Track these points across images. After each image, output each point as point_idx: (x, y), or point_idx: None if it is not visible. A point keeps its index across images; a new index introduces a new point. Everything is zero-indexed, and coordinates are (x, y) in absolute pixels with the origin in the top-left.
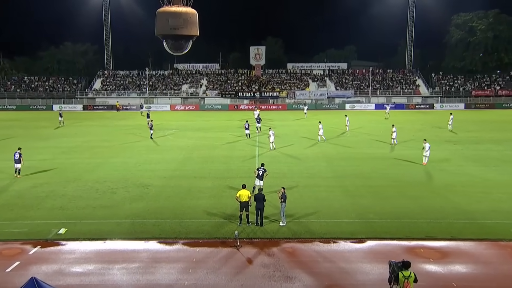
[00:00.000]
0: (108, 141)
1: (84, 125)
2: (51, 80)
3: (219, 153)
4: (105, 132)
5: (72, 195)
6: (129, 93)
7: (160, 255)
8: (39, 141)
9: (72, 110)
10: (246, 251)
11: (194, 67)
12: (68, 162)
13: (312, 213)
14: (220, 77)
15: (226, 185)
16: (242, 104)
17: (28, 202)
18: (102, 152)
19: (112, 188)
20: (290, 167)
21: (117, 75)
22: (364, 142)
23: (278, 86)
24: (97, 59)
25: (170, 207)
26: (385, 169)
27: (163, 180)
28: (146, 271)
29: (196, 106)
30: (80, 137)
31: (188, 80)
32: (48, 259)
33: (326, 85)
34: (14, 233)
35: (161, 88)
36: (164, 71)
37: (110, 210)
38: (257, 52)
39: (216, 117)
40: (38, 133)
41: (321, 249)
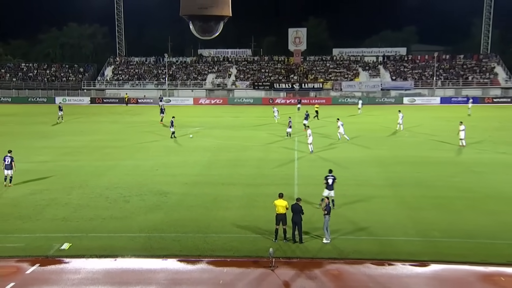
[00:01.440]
0: (120, 141)
1: (92, 121)
2: (53, 68)
3: (251, 156)
4: (116, 129)
5: (78, 203)
6: (145, 83)
7: (181, 275)
8: (38, 140)
9: (78, 103)
10: (282, 273)
11: (222, 53)
12: (73, 164)
13: (361, 228)
14: (252, 65)
15: (259, 193)
16: (278, 98)
17: (26, 211)
18: (113, 153)
19: (124, 195)
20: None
21: (130, 62)
22: (426, 143)
23: (322, 76)
24: (107, 43)
25: (193, 219)
26: (452, 177)
27: (185, 187)
28: None
29: (223, 100)
30: (87, 135)
31: (214, 68)
32: (48, 280)
33: (379, 74)
34: (9, 249)
35: (183, 78)
36: (186, 58)
37: (122, 221)
38: (296, 36)
39: (247, 112)
40: (37, 131)
41: (373, 272)
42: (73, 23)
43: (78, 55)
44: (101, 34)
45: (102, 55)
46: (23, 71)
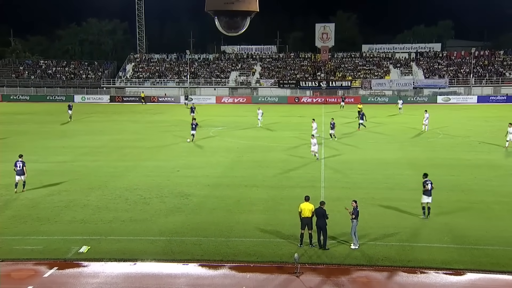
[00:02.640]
0: (140, 140)
1: (112, 120)
2: (72, 65)
3: (276, 157)
4: (136, 129)
5: (96, 205)
6: (166, 81)
7: (202, 281)
8: (57, 140)
9: (97, 102)
10: (307, 279)
11: (246, 50)
12: (92, 165)
13: (392, 234)
14: (277, 63)
15: (284, 196)
16: (304, 96)
17: (44, 213)
18: (133, 153)
19: (144, 197)
20: (363, 175)
21: (151, 59)
22: (463, 145)
23: (350, 73)
24: (127, 39)
25: (215, 222)
26: (491, 181)
27: (207, 189)
28: None
29: (247, 98)
30: (107, 135)
31: (238, 66)
32: (66, 284)
33: (412, 72)
34: (27, 251)
35: (205, 75)
36: (208, 54)
37: (142, 224)
38: (324, 31)
39: (272, 111)
40: (56, 130)
41: (405, 280)
42: (92, 19)
43: (97, 52)
44: (121, 30)
45: (122, 52)
46: (42, 69)
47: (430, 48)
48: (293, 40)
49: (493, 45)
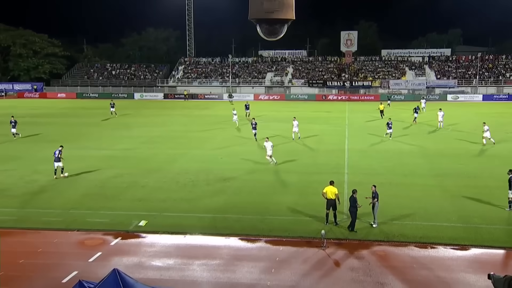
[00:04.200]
0: (190, 132)
1: (166, 114)
2: (133, 68)
3: (305, 147)
4: (187, 122)
5: (153, 186)
6: (211, 81)
7: (242, 252)
8: (120, 130)
9: (153, 98)
10: (333, 253)
11: (280, 54)
12: (149, 152)
13: (406, 214)
14: (307, 65)
15: (313, 180)
16: (330, 94)
17: (110, 192)
18: (184, 142)
19: (193, 180)
20: (381, 163)
21: (199, 62)
22: (470, 137)
23: (371, 74)
24: (179, 45)
25: (252, 202)
26: (495, 168)
27: (245, 174)
28: (226, 268)
29: (281, 96)
30: (162, 126)
31: (273, 68)
32: (128, 251)
33: (425, 73)
34: (96, 223)
35: (244, 76)
36: (247, 58)
37: (191, 203)
38: (348, 38)
39: (302, 107)
40: (119, 122)
41: (416, 254)
42: (150, 28)
43: (153, 56)
44: (174, 38)
45: (174, 56)
46: (108, 71)
47: (442, 53)
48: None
49: (497, 50)
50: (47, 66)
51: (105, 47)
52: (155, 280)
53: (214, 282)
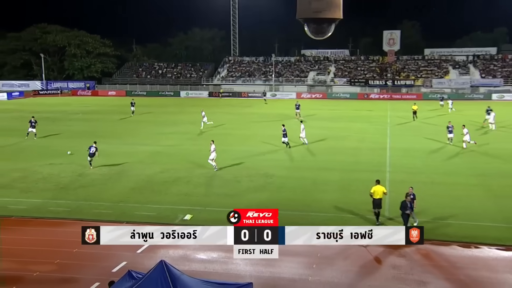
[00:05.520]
0: (234, 129)
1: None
2: (179, 67)
3: (347, 144)
4: (230, 119)
5: (197, 181)
6: (254, 80)
7: (285, 247)
8: (166, 127)
9: (198, 96)
10: (374, 250)
11: (322, 53)
12: (193, 148)
13: (448, 213)
14: (349, 64)
15: (354, 178)
16: (372, 93)
17: (157, 186)
18: (227, 139)
19: (236, 176)
20: (423, 161)
21: (243, 61)
22: None
23: (413, 73)
24: (223, 45)
25: (294, 199)
26: None
27: (287, 171)
28: (269, 263)
29: (323, 95)
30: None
31: (315, 67)
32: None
33: (469, 72)
34: (144, 216)
35: (287, 75)
36: (290, 57)
37: (234, 199)
38: (390, 37)
39: (344, 106)
40: (165, 119)
41: (460, 254)
42: (196, 28)
43: (199, 55)
44: (218, 37)
45: (219, 55)
46: (156, 70)
47: (487, 52)
48: (363, 45)
49: None
50: (99, 65)
51: (153, 47)
52: (199, 272)
53: (256, 276)
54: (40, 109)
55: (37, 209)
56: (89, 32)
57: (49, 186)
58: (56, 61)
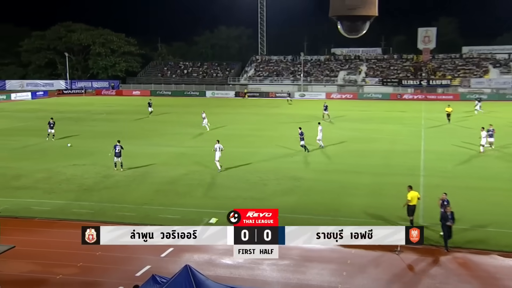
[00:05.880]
0: (260, 130)
1: (236, 112)
2: (205, 66)
3: (378, 147)
4: (256, 120)
5: (223, 184)
6: (282, 79)
7: (312, 253)
8: (191, 128)
9: (224, 96)
10: (407, 257)
11: (353, 52)
12: None
13: (487, 220)
14: (381, 63)
15: (385, 182)
16: (405, 94)
17: (181, 189)
18: (254, 141)
19: (263, 179)
20: (460, 165)
21: (270, 60)
22: None
23: (450, 73)
24: (250, 43)
25: (323, 203)
26: None
27: (316, 174)
28: (297, 269)
29: (353, 95)
30: (232, 124)
31: (345, 66)
32: (200, 248)
33: (511, 71)
34: (168, 220)
35: (316, 74)
36: (320, 56)
37: (261, 202)
38: (426, 35)
39: (375, 107)
40: (190, 120)
41: (500, 263)
42: (222, 27)
43: (226, 54)
44: (245, 36)
45: (246, 54)
46: (181, 69)
47: None
48: (397, 43)
49: None
50: (123, 64)
51: (178, 46)
52: (225, 278)
53: (283, 283)
54: (64, 109)
55: (60, 210)
56: (113, 31)
57: (73, 187)
58: (81, 60)
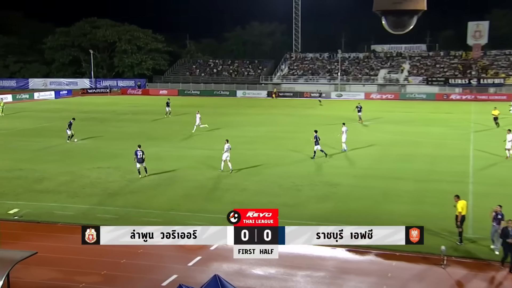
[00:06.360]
0: (294, 132)
1: (268, 113)
2: (236, 64)
3: (423, 151)
4: (290, 121)
5: (254, 189)
6: (318, 78)
7: (349, 265)
8: (221, 129)
9: (256, 96)
10: (454, 272)
11: (395, 48)
12: (249, 153)
13: None
14: (426, 61)
15: (430, 189)
16: (453, 94)
17: (209, 194)
18: (287, 144)
19: (296, 184)
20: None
21: (305, 58)
22: None
23: (504, 71)
24: (284, 40)
25: (361, 211)
26: None
27: (354, 179)
28: (332, 282)
29: (395, 95)
30: (264, 126)
31: (387, 64)
32: (229, 257)
33: None
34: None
35: (355, 73)
36: (358, 53)
37: (294, 209)
38: (477, 29)
39: (419, 108)
40: (220, 121)
41: None
42: (255, 22)
43: (258, 51)
44: (279, 32)
45: (279, 51)
46: (210, 67)
47: None
48: (444, 39)
49: None
50: (150, 62)
51: (207, 42)
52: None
53: None
54: (88, 109)
55: (84, 215)
56: (140, 27)
57: (97, 191)
58: (106, 58)
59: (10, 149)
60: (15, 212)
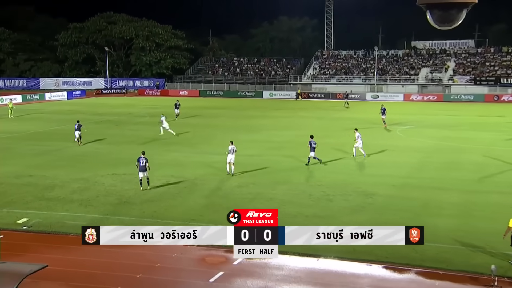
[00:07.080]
0: (325, 137)
1: (297, 116)
2: (262, 62)
3: (469, 158)
4: (321, 125)
5: (282, 199)
6: (352, 78)
7: (387, 284)
8: (245, 134)
9: (284, 98)
10: None
11: (439, 45)
12: (277, 159)
13: None
14: (474, 58)
15: (478, 201)
16: (505, 95)
17: (233, 203)
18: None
19: (328, 194)
20: None
21: (338, 55)
22: None
23: None
24: (315, 36)
25: (400, 224)
26: None
27: (392, 189)
28: None
29: (438, 96)
30: (293, 130)
31: (429, 62)
32: (253, 273)
33: None
34: None
35: (393, 72)
36: (397, 50)
37: (325, 220)
38: None
39: (466, 110)
40: (245, 124)
41: None
42: (283, 17)
43: (286, 49)
44: (310, 27)
45: (310, 48)
46: (234, 66)
47: None
48: (495, 34)
49: None
50: (170, 60)
51: (232, 39)
52: None
53: None
54: (103, 111)
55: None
56: (159, 22)
57: (111, 200)
58: (122, 56)
59: (19, 154)
60: (24, 221)
